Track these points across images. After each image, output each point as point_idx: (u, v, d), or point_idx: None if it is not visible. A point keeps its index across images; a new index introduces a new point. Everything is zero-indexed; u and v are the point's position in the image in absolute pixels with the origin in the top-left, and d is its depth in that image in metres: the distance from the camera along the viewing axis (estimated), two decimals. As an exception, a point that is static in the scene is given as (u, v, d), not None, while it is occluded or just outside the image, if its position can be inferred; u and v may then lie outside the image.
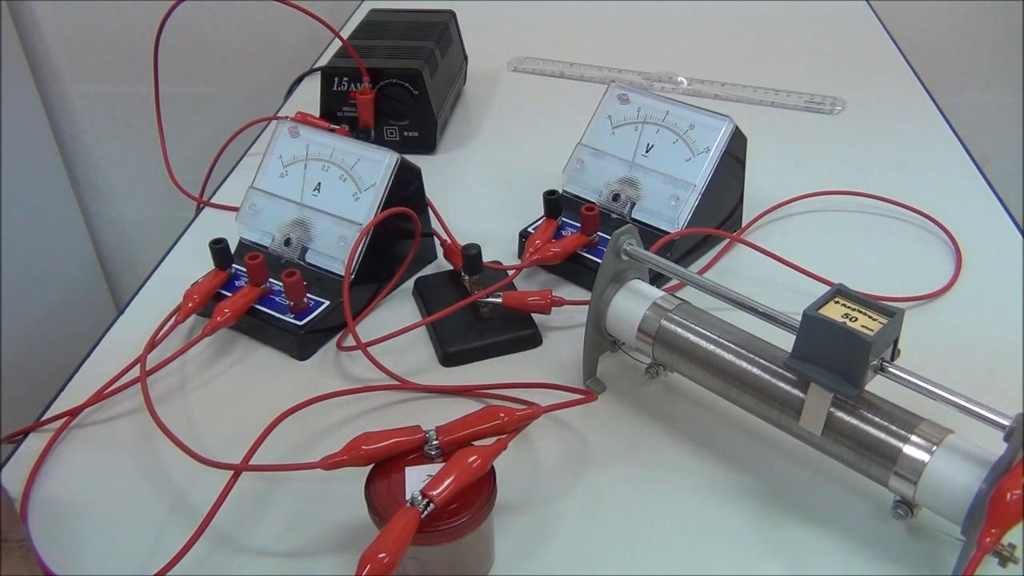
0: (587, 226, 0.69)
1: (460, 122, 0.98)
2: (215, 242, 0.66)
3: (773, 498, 0.52)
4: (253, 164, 0.72)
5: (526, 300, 0.64)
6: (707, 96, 1.00)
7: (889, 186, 0.80)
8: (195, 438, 0.54)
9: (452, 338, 0.64)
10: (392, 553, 0.41)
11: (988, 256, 0.72)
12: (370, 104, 0.87)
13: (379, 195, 0.66)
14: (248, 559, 0.50)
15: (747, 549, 0.49)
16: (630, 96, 0.72)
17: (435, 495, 0.43)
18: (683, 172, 0.69)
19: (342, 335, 0.66)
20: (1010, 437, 0.42)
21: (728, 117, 0.69)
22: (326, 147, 0.69)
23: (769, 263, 0.68)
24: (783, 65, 1.06)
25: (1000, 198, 0.80)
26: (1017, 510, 0.41)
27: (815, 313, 0.47)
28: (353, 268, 0.64)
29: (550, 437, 0.57)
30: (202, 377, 0.63)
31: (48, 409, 0.61)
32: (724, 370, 0.53)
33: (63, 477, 0.56)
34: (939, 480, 0.44)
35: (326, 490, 0.53)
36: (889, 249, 0.74)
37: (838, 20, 1.20)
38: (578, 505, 0.52)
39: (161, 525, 0.52)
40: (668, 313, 0.55)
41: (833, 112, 0.96)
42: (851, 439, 0.47)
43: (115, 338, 0.67)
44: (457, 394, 0.60)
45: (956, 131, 0.91)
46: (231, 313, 0.63)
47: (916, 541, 0.49)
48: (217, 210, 0.83)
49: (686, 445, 0.56)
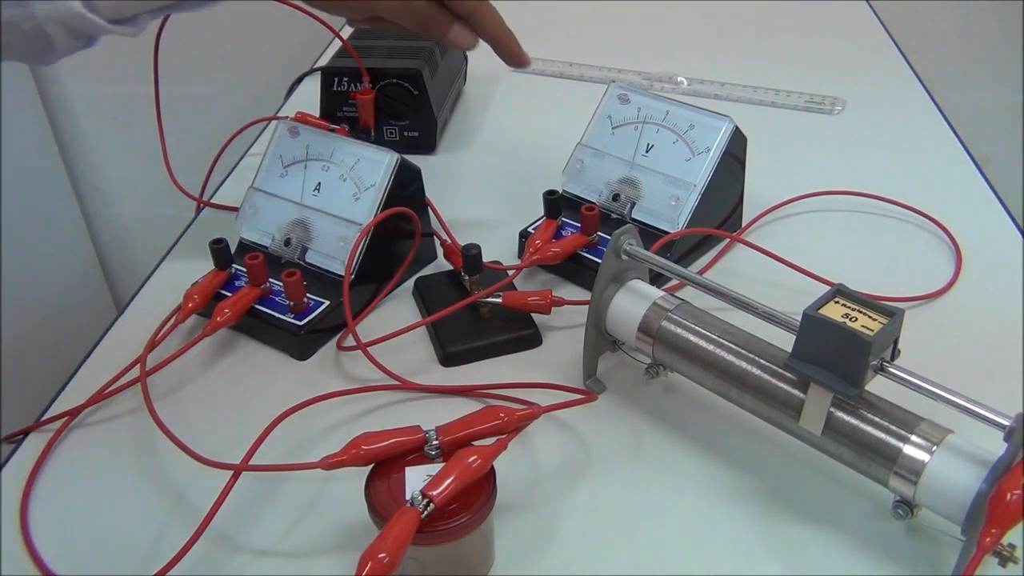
0: (587, 226, 0.69)
1: (460, 122, 0.98)
2: (215, 242, 0.66)
3: (773, 498, 0.52)
4: (253, 164, 0.72)
5: (526, 300, 0.64)
6: (707, 96, 1.00)
7: (889, 186, 0.80)
8: (195, 438, 0.54)
9: (452, 338, 0.64)
10: (392, 553, 0.41)
11: (988, 256, 0.72)
12: (370, 104, 0.87)
13: (379, 195, 0.66)
14: (248, 559, 0.50)
15: (747, 549, 0.49)
16: (630, 96, 0.72)
17: (435, 495, 0.43)
18: (683, 172, 0.69)
19: (342, 335, 0.66)
20: (1010, 437, 0.42)
21: (728, 117, 0.69)
22: (326, 147, 0.69)
23: (769, 263, 0.68)
24: (783, 65, 1.06)
25: (1000, 198, 0.80)
26: (1017, 510, 0.41)
27: (815, 313, 0.47)
28: (353, 268, 0.64)
29: (550, 437, 0.57)
30: (202, 377, 0.63)
31: (48, 409, 0.61)
32: (724, 370, 0.53)
33: (63, 477, 0.56)
34: (939, 480, 0.44)
35: (326, 490, 0.53)
36: (889, 249, 0.74)
37: (838, 20, 1.20)
38: (578, 505, 0.52)
39: (161, 525, 0.52)
40: (668, 313, 0.55)
41: (833, 112, 0.96)
42: (851, 439, 0.47)
43: (115, 338, 0.67)
44: (457, 394, 0.60)
45: (956, 131, 0.91)
46: (231, 313, 0.63)
47: (916, 541, 0.49)
48: (217, 210, 0.83)
49: (686, 445, 0.56)
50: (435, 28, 0.64)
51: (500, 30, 0.65)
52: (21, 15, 0.57)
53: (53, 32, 0.58)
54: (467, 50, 0.66)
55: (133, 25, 0.61)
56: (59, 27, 0.58)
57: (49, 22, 0.58)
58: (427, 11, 0.63)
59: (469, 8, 0.64)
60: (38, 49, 0.60)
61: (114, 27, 0.60)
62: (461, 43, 0.65)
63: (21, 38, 0.59)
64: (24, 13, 0.57)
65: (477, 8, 0.64)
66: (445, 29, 0.64)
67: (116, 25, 0.60)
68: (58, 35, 0.59)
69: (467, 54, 1.03)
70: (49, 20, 0.58)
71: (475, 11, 0.64)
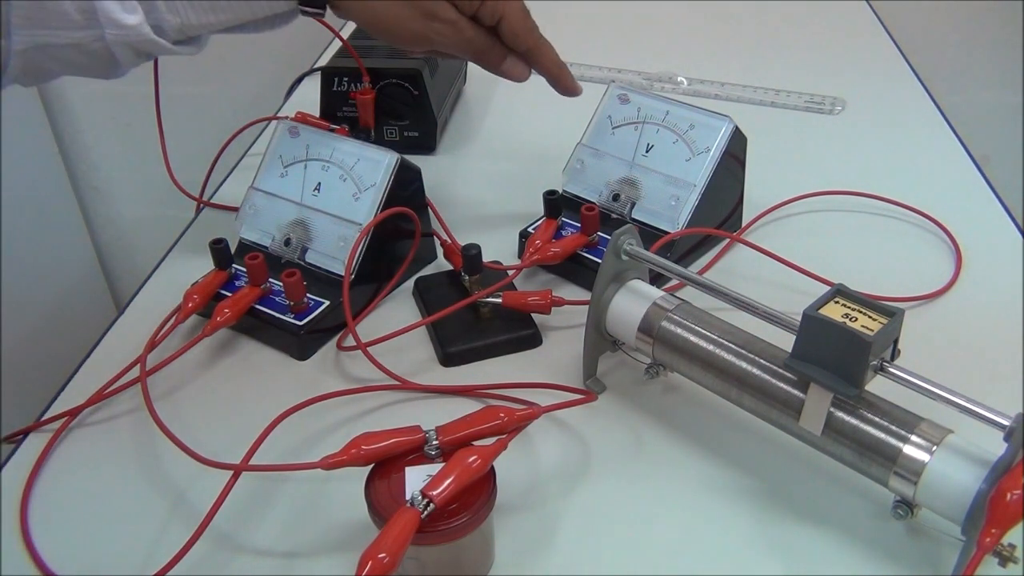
0: (587, 226, 0.69)
1: (460, 122, 0.98)
2: (215, 242, 0.66)
3: (773, 498, 0.52)
4: (253, 164, 0.72)
5: (526, 300, 0.64)
6: (707, 96, 1.00)
7: (889, 186, 0.80)
8: (195, 438, 0.54)
9: (452, 338, 0.64)
10: (392, 553, 0.41)
11: (988, 256, 0.72)
12: (370, 104, 0.87)
13: (379, 195, 0.66)
14: (248, 559, 0.50)
15: (747, 549, 0.49)
16: (630, 96, 0.72)
17: (435, 495, 0.43)
18: (683, 172, 0.69)
19: (342, 335, 0.66)
20: (1010, 437, 0.42)
21: (728, 117, 0.69)
22: (326, 147, 0.69)
23: (769, 263, 0.68)
24: (783, 65, 1.06)
25: (1000, 198, 0.80)
26: (1017, 510, 0.41)
27: (815, 313, 0.47)
28: (353, 268, 0.64)
29: (550, 437, 0.57)
30: (202, 377, 0.63)
31: (48, 409, 0.61)
32: (724, 370, 0.53)
33: (63, 477, 0.56)
34: (939, 480, 0.44)
35: (326, 490, 0.53)
36: (889, 249, 0.74)
37: (838, 20, 1.20)
38: (578, 505, 0.52)
39: (161, 525, 0.52)
40: (668, 313, 0.55)
41: (833, 112, 0.96)
42: (851, 439, 0.47)
43: (115, 338, 0.67)
44: (457, 394, 0.60)
45: (956, 131, 0.91)
46: (231, 313, 0.63)
47: (916, 541, 0.49)
48: (217, 210, 0.83)
49: (686, 445, 0.56)
50: (490, 61, 0.66)
51: (556, 66, 0.68)
52: (91, 37, 0.59)
53: (120, 53, 0.60)
54: (519, 82, 0.68)
55: (195, 45, 0.63)
56: (127, 49, 0.60)
57: (118, 45, 0.59)
58: (484, 45, 0.65)
59: (527, 45, 0.66)
60: (103, 67, 0.61)
61: (178, 48, 0.62)
62: (515, 75, 0.67)
63: (88, 57, 0.60)
64: (94, 35, 0.58)
65: (534, 46, 0.66)
66: (499, 61, 0.67)
67: (179, 46, 0.62)
68: (125, 55, 0.60)
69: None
70: (118, 43, 0.59)
71: (532, 49, 0.66)
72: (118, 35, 0.58)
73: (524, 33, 0.65)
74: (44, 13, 0.57)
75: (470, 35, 0.64)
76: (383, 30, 0.64)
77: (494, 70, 0.67)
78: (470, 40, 0.64)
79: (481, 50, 0.65)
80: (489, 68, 0.67)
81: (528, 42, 0.66)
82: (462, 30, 0.63)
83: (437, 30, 0.63)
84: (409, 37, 0.64)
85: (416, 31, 0.63)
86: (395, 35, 0.64)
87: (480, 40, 0.65)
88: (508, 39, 0.65)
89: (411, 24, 0.63)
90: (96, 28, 0.58)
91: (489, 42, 0.65)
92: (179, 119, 0.84)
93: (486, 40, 0.65)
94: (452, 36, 0.64)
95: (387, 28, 0.64)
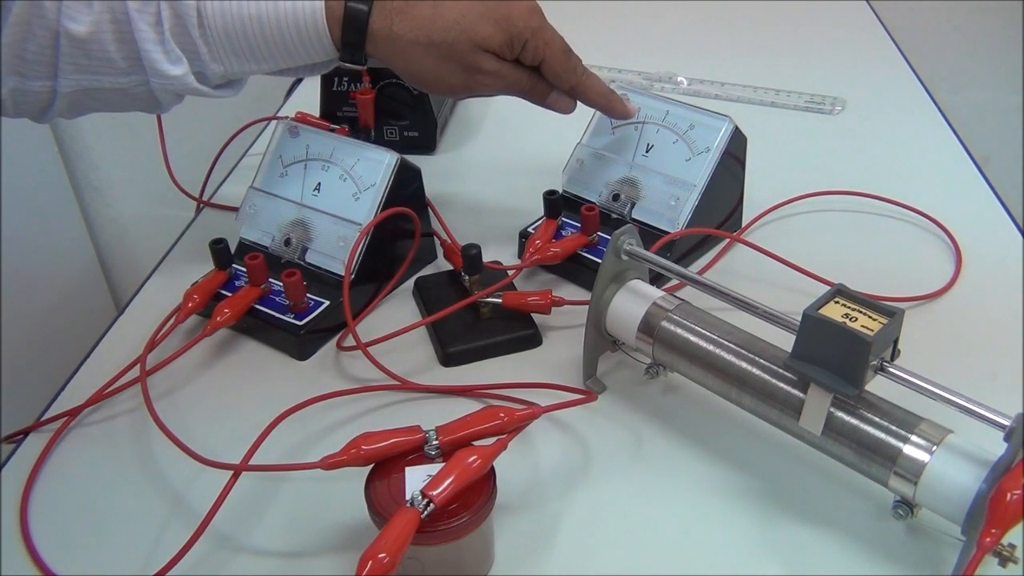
0: (587, 226, 0.69)
1: (460, 122, 0.98)
2: (215, 242, 0.66)
3: (773, 498, 0.52)
4: (253, 164, 0.72)
5: (526, 300, 0.64)
6: (707, 96, 1.00)
7: (889, 186, 0.80)
8: (195, 438, 0.54)
9: (452, 338, 0.64)
10: (392, 553, 0.41)
11: (988, 256, 0.72)
12: (370, 104, 0.87)
13: (379, 195, 0.66)
14: (248, 559, 0.50)
15: (747, 549, 0.49)
16: (630, 96, 0.72)
17: (435, 495, 0.43)
18: (683, 172, 0.69)
19: (342, 335, 0.66)
20: (1010, 437, 0.42)
21: (728, 117, 0.69)
22: (326, 147, 0.69)
23: (769, 263, 0.68)
24: (783, 65, 1.06)
25: (1000, 198, 0.80)
26: (1017, 510, 0.41)
27: (815, 313, 0.47)
28: (353, 268, 0.64)
29: (550, 437, 0.57)
30: (202, 377, 0.63)
31: (48, 409, 0.61)
32: (724, 370, 0.53)
33: (63, 477, 0.56)
34: (939, 480, 0.44)
35: (326, 490, 0.53)
36: (889, 249, 0.74)
37: (838, 20, 1.20)
38: (578, 505, 0.52)
39: (161, 525, 0.52)
40: (668, 313, 0.55)
41: (833, 112, 0.96)
42: (851, 439, 0.47)
43: (115, 338, 0.67)
44: (457, 394, 0.60)
45: (956, 131, 0.91)
46: (231, 313, 0.63)
47: (916, 541, 0.49)
48: (217, 210, 0.83)
49: (686, 445, 0.56)
50: (535, 97, 0.67)
51: (602, 97, 0.68)
52: (135, 82, 0.60)
53: (163, 97, 0.61)
54: (566, 114, 0.69)
55: (234, 88, 0.64)
56: (170, 94, 0.61)
57: (161, 91, 0.61)
58: (527, 85, 0.66)
59: (569, 84, 0.66)
60: (145, 106, 0.63)
61: (218, 92, 0.63)
62: (560, 108, 0.68)
63: (130, 100, 0.62)
64: (138, 80, 0.60)
65: (579, 83, 0.66)
66: (544, 97, 0.67)
67: (220, 89, 0.63)
68: (166, 99, 0.62)
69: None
70: (161, 90, 0.60)
71: (577, 86, 0.67)
72: (163, 84, 0.60)
73: (566, 73, 0.65)
74: (90, 60, 0.59)
75: (512, 79, 0.65)
76: (425, 84, 0.65)
77: (539, 104, 0.68)
78: (512, 84, 0.65)
79: (525, 90, 0.66)
80: (535, 103, 0.68)
81: (571, 81, 0.66)
82: (504, 77, 0.64)
83: (480, 81, 0.64)
84: (451, 90, 0.65)
85: (459, 84, 0.64)
86: (438, 89, 0.66)
87: (523, 81, 0.65)
88: (551, 79, 0.66)
89: (453, 79, 0.64)
90: (140, 75, 0.60)
91: (532, 81, 0.66)
92: (179, 119, 0.83)
93: (529, 80, 0.65)
94: (495, 84, 0.64)
95: (429, 84, 0.65)
